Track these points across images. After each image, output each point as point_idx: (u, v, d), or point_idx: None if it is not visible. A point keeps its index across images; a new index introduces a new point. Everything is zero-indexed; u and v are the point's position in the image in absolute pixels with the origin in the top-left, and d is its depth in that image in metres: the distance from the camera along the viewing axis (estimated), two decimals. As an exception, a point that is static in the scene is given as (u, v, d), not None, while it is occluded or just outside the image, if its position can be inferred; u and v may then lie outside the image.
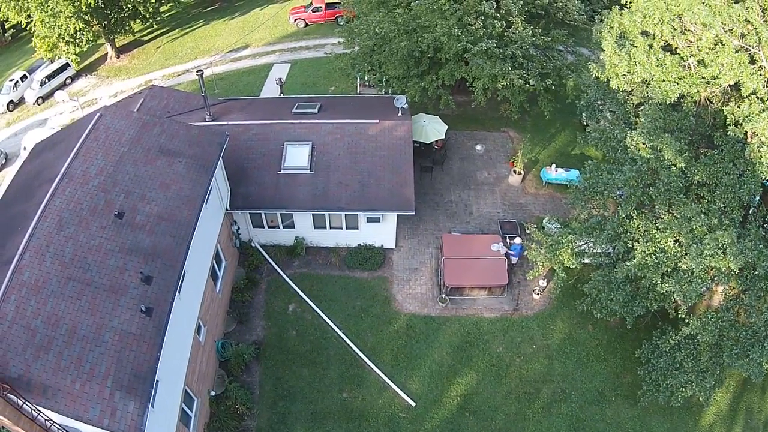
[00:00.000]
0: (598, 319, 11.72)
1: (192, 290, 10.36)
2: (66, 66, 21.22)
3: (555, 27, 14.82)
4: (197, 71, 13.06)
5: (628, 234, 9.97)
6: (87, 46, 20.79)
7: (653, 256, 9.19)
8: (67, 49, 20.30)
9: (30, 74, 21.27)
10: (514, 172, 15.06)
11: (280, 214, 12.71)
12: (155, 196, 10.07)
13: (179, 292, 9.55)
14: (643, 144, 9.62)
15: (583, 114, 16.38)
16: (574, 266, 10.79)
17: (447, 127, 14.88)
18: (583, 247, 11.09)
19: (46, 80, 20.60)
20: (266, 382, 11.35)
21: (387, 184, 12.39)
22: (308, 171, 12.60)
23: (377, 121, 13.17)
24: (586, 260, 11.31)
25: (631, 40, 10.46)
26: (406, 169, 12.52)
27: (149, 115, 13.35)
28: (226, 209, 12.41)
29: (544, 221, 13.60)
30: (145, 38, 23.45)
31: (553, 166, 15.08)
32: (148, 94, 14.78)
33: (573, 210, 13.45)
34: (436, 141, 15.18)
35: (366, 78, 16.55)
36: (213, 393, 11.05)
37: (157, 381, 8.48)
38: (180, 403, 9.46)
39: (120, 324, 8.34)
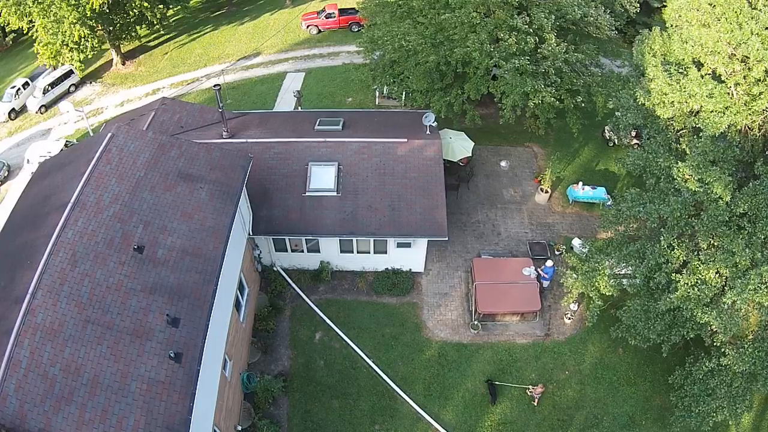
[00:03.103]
0: (628, 344, 11.23)
1: (218, 325, 9.49)
2: (70, 73, 19.98)
3: (581, 41, 14.03)
4: (214, 86, 12.04)
5: (669, 264, 9.46)
6: (92, 53, 19.54)
7: (695, 288, 8.75)
8: (71, 56, 19.08)
9: (32, 81, 20.02)
10: (541, 190, 14.34)
11: (305, 238, 11.89)
12: (177, 227, 9.12)
13: (208, 334, 8.76)
14: (691, 176, 9.04)
15: (606, 128, 15.87)
16: (610, 293, 10.30)
17: (474, 144, 14.07)
18: (620, 273, 10.60)
19: (49, 88, 19.38)
20: (294, 415, 10.63)
21: (418, 207, 11.58)
22: (335, 193, 11.73)
23: (406, 140, 12.30)
24: (623, 287, 10.89)
25: (678, 66, 9.77)
26: (437, 191, 11.71)
27: (162, 131, 12.37)
28: (249, 234, 11.54)
29: (573, 242, 13.01)
30: (151, 44, 22.16)
31: (580, 183, 14.38)
32: (159, 108, 13.71)
33: (604, 233, 12.84)
34: (461, 158, 14.38)
35: (386, 90, 15.63)
36: (240, 428, 10.30)
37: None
38: (209, 444, 8.71)
39: (147, 371, 7.48)
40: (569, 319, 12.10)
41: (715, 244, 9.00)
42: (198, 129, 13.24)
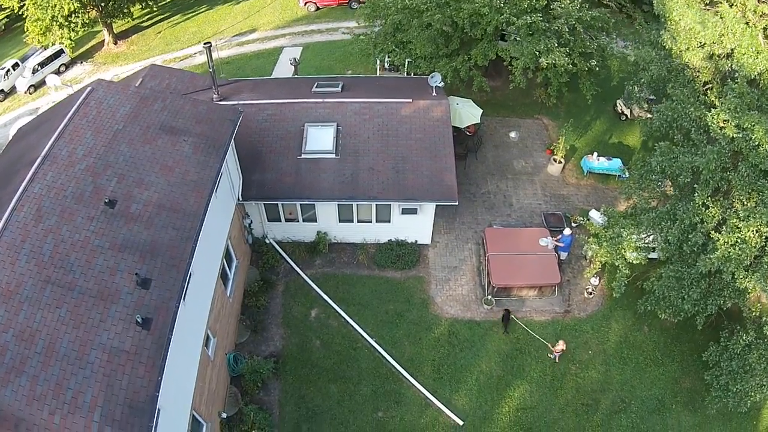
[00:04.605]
0: (653, 321, 10.35)
1: (199, 295, 8.15)
2: (60, 53, 18.92)
3: (593, 6, 13.08)
4: (204, 43, 10.90)
5: (704, 224, 8.38)
6: (82, 30, 18.50)
7: (736, 248, 7.71)
8: (61, 34, 18.03)
9: (22, 63, 19.06)
10: (554, 160, 13.15)
11: (301, 204, 10.58)
12: (155, 181, 7.91)
13: (184, 299, 7.44)
14: (727, 121, 8.02)
15: (618, 101, 14.91)
16: (638, 262, 9.26)
17: (482, 111, 12.96)
18: (648, 241, 9.49)
19: (39, 68, 18.29)
20: (287, 402, 9.22)
21: (425, 170, 10.31)
22: (333, 155, 10.45)
23: (411, 100, 11.14)
24: (652, 255, 9.77)
25: (709, 4, 8.80)
26: (446, 153, 10.46)
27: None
28: (238, 200, 10.27)
29: (590, 214, 11.83)
30: (145, 24, 21.11)
31: (595, 154, 13.21)
32: (147, 73, 12.53)
33: (624, 203, 11.72)
34: (468, 127, 13.27)
35: (388, 61, 14.57)
36: (225, 415, 8.86)
37: (159, 409, 6.38)
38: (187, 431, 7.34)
39: (110, 339, 6.27)
40: (590, 294, 10.81)
41: (754, 199, 7.97)
42: (188, 94, 12.11)
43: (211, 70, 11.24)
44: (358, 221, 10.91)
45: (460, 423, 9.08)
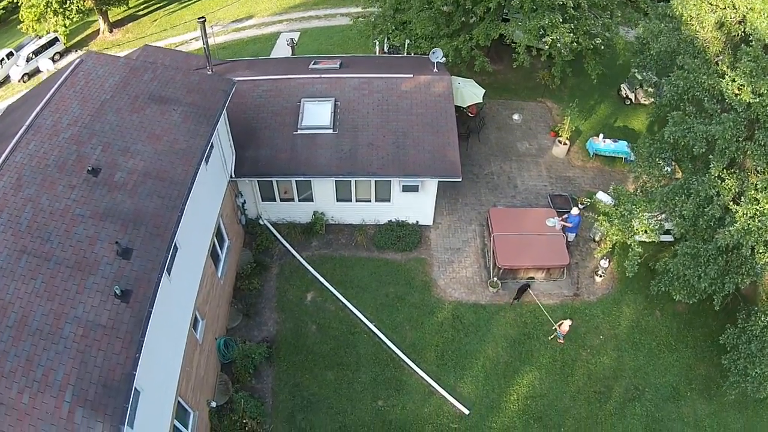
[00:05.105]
0: (666, 305, 9.86)
1: (186, 273, 7.58)
2: (54, 41, 18.53)
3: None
4: (199, 18, 10.44)
5: (720, 197, 7.95)
6: (77, 17, 18.09)
7: (756, 220, 7.27)
8: (56, 21, 17.67)
9: (17, 52, 18.73)
10: (559, 142, 12.68)
11: (296, 181, 10.00)
12: (142, 150, 7.42)
13: (169, 272, 6.84)
14: (742, 87, 7.63)
15: (622, 85, 14.56)
16: (651, 239, 8.83)
17: (484, 90, 12.53)
18: (660, 218, 9.03)
19: (33, 56, 17.91)
20: (281, 390, 8.60)
21: (427, 145, 9.78)
22: (330, 130, 9.93)
23: (411, 75, 10.67)
24: (663, 238, 9.33)
25: None
26: (448, 128, 9.95)
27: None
28: (231, 177, 9.75)
29: (597, 195, 11.35)
30: (141, 13, 20.77)
31: (601, 136, 12.75)
32: (141, 54, 12.13)
33: (635, 182, 11.26)
34: (470, 108, 12.84)
35: (388, 43, 14.17)
36: (214, 404, 8.23)
37: (138, 392, 5.80)
38: (171, 419, 6.68)
39: (86, 312, 5.74)
40: (600, 276, 10.28)
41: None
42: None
43: (205, 45, 10.78)
44: (357, 200, 10.36)
45: (466, 412, 8.47)
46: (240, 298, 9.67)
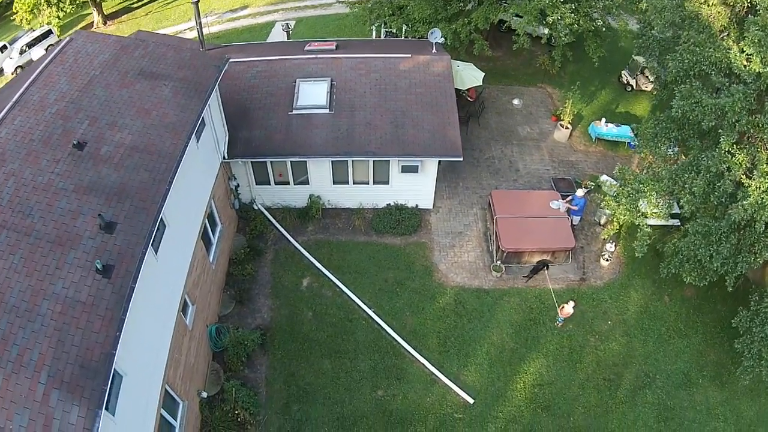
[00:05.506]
0: (674, 290, 9.54)
1: (175, 252, 7.16)
2: (48, 33, 18.22)
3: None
4: (193, 1, 10.16)
5: (731, 172, 7.67)
6: (71, 8, 17.83)
7: None
8: (50, 13, 17.39)
9: (10, 45, 18.49)
10: (561, 126, 12.40)
11: (291, 163, 9.62)
12: (129, 124, 7.08)
13: (156, 249, 6.48)
14: (751, 57, 7.38)
15: (623, 72, 14.36)
16: (660, 217, 8.59)
17: (484, 74, 12.25)
18: (668, 199, 8.74)
19: (26, 48, 17.57)
20: (275, 379, 8.15)
21: (426, 125, 9.43)
22: (327, 110, 9.57)
23: (409, 55, 10.37)
24: (671, 222, 9.03)
25: None
26: (448, 108, 9.61)
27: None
28: (224, 158, 9.39)
29: (601, 179, 11.07)
30: (135, 5, 20.51)
31: (603, 120, 12.51)
32: (134, 39, 11.91)
33: (642, 162, 10.97)
34: (469, 92, 12.57)
35: (385, 29, 13.93)
36: (205, 394, 7.78)
37: (120, 375, 5.39)
38: (158, 408, 6.23)
39: (65, 288, 5.34)
40: (606, 260, 9.94)
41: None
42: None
43: (198, 27, 10.46)
44: (354, 183, 9.98)
45: (470, 401, 8.04)
46: (233, 285, 9.24)
